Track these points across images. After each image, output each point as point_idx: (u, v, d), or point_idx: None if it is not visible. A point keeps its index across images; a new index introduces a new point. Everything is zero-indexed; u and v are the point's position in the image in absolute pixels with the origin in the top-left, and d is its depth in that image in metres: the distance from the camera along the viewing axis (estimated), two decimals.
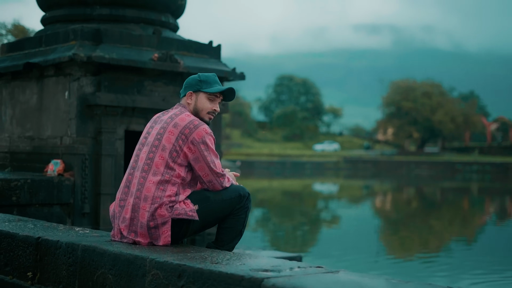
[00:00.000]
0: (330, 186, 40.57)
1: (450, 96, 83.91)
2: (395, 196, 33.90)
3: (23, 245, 4.64)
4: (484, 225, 20.94)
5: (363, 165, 64.20)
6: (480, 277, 11.35)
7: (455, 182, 45.52)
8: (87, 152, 7.70)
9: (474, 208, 27.54)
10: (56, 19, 8.65)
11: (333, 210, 25.36)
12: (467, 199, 32.07)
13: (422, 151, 77.87)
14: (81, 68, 7.68)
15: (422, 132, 79.78)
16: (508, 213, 25.03)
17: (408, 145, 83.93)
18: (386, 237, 17.81)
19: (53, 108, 7.98)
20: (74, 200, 7.61)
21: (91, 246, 4.11)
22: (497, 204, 29.48)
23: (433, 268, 12.39)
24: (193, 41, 8.71)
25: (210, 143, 4.21)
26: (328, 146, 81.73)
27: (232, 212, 4.35)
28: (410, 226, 20.05)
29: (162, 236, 4.14)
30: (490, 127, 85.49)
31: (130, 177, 4.27)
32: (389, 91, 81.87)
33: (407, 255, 14.13)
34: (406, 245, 15.98)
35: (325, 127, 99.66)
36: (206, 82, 4.41)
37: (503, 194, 34.75)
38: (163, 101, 8.13)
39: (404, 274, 11.12)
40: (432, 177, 50.30)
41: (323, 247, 14.92)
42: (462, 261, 13.02)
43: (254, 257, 3.80)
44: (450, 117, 76.76)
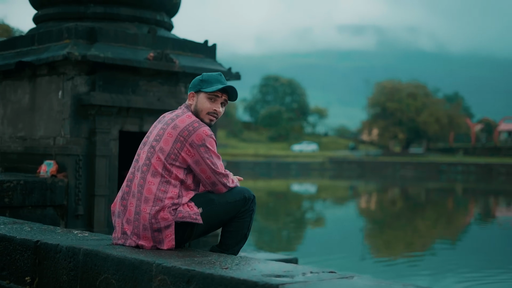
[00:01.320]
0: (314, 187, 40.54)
1: (435, 97, 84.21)
2: (380, 196, 33.94)
3: (20, 248, 4.51)
4: (468, 225, 21.02)
5: (348, 166, 64.27)
6: (464, 276, 11.39)
7: (439, 183, 45.67)
8: (81, 153, 7.55)
9: (459, 208, 27.64)
10: (49, 17, 8.49)
11: (318, 211, 25.34)
12: (451, 199, 32.19)
13: (407, 152, 78.11)
14: (75, 67, 7.53)
15: (407, 133, 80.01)
16: (491, 213, 25.14)
17: (393, 146, 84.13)
18: (371, 238, 17.82)
19: (46, 108, 7.82)
20: (68, 201, 7.46)
21: (93, 250, 3.99)
22: (481, 205, 29.61)
23: (417, 268, 12.40)
24: (188, 40, 8.58)
25: (210, 145, 4.08)
26: (306, 146, 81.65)
27: (236, 215, 4.23)
28: (395, 226, 20.07)
29: (166, 239, 4.03)
30: (474, 128, 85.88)
31: (131, 176, 4.16)
32: (375, 92, 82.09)
33: (392, 255, 14.11)
34: (391, 245, 15.97)
35: (310, 127, 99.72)
36: (207, 81, 4.27)
37: (487, 195, 34.89)
38: (158, 101, 7.99)
39: (389, 274, 11.10)
40: (417, 178, 50.46)
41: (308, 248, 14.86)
42: (446, 261, 13.06)
43: (263, 262, 3.70)
44: (435, 118, 77.04)
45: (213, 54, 8.68)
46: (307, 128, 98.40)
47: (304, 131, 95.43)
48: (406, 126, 78.89)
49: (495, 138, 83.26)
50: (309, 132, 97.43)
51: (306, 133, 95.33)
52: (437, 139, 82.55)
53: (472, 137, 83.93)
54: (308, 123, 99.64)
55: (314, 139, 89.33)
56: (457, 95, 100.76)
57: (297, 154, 74.17)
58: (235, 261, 3.67)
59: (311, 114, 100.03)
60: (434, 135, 79.80)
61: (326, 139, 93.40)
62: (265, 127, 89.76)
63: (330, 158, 68.53)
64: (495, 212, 25.78)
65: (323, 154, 73.17)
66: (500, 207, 28.49)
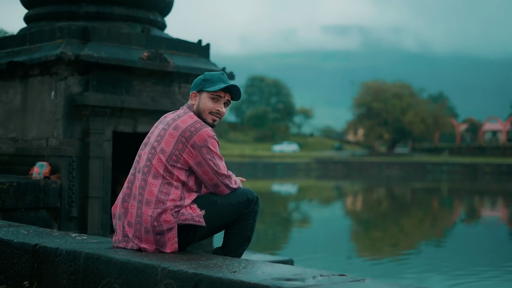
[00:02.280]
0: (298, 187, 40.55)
1: (420, 97, 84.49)
2: (366, 196, 34.00)
3: (18, 252, 4.41)
4: (454, 224, 21.09)
5: (334, 166, 64.36)
6: (450, 275, 11.43)
7: (425, 183, 45.83)
8: (74, 154, 7.42)
9: (444, 208, 27.73)
10: (40, 17, 8.35)
11: (304, 211, 25.33)
12: (437, 199, 32.30)
13: (392, 152, 78.34)
14: (68, 67, 7.41)
15: (393, 133, 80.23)
16: (477, 213, 25.26)
17: (379, 146, 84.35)
18: (358, 237, 17.84)
19: (38, 109, 7.70)
20: (61, 203, 7.34)
21: (94, 254, 3.90)
22: (467, 204, 29.73)
23: (403, 267, 12.42)
24: (181, 40, 8.48)
25: (212, 146, 3.99)
26: (287, 146, 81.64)
27: (240, 217, 4.15)
28: (381, 226, 20.11)
29: (168, 242, 3.94)
30: (459, 128, 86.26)
31: (132, 177, 4.07)
32: (360, 92, 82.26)
33: (379, 254, 14.13)
34: (378, 245, 16.00)
35: (296, 128, 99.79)
36: (210, 81, 4.18)
37: (472, 194, 35.04)
38: (152, 101, 7.89)
39: (375, 273, 11.11)
40: (402, 178, 50.61)
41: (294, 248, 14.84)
42: (432, 260, 13.10)
43: (270, 265, 3.63)
44: (420, 118, 77.29)
45: (206, 54, 8.59)
46: (292, 128, 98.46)
47: (290, 132, 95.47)
48: (391, 126, 79.10)
49: (480, 138, 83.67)
50: (295, 132, 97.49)
51: (292, 133, 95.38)
52: (422, 139, 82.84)
53: (457, 137, 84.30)
54: (294, 124, 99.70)
55: (299, 140, 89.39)
56: (442, 95, 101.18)
57: (283, 155, 74.17)
58: (241, 264, 3.60)
59: (297, 114, 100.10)
60: (419, 135, 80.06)
61: (312, 139, 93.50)
62: (251, 128, 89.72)
63: (316, 158, 68.57)
64: (480, 211, 25.90)
65: (309, 155, 73.20)
66: (485, 206, 28.63)
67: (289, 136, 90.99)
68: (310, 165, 65.11)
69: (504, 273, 11.90)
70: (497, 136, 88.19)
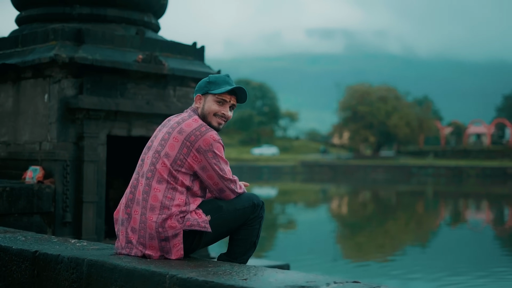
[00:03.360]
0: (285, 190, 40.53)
1: (405, 101, 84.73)
2: (351, 199, 34.03)
3: (17, 259, 4.30)
4: (439, 227, 21.15)
5: (320, 169, 64.41)
6: (434, 277, 11.45)
7: (410, 186, 45.93)
8: (69, 158, 7.29)
9: (429, 211, 27.80)
10: (33, 19, 8.21)
11: (289, 214, 25.31)
12: (422, 202, 32.38)
13: (377, 155, 78.49)
14: (62, 70, 7.28)
15: (378, 136, 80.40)
16: (461, 215, 25.35)
17: (364, 149, 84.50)
18: (343, 240, 17.84)
19: (31, 112, 7.56)
20: (55, 208, 7.20)
21: (98, 261, 3.79)
22: (452, 207, 29.83)
23: (388, 269, 12.43)
24: (176, 42, 8.38)
25: (218, 150, 3.90)
26: (266, 150, 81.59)
27: (245, 223, 4.07)
28: (366, 229, 20.12)
29: (174, 249, 3.85)
30: (444, 131, 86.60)
31: (135, 182, 3.97)
32: (346, 96, 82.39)
33: (364, 257, 14.13)
34: (363, 247, 16.00)
35: (281, 131, 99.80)
36: (215, 83, 4.08)
37: (457, 197, 35.18)
38: (147, 104, 7.78)
39: (361, 276, 11.09)
40: (388, 181, 50.74)
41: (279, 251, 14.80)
42: (417, 262, 13.12)
43: (280, 272, 3.55)
44: (405, 121, 77.52)
45: (201, 57, 8.49)
46: (278, 131, 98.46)
47: (275, 135, 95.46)
48: (376, 129, 79.28)
49: (465, 141, 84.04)
50: (280, 135, 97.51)
51: (277, 136, 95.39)
52: (407, 142, 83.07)
53: (442, 140, 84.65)
54: (279, 127, 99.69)
55: (285, 143, 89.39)
56: (427, 98, 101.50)
57: (269, 158, 74.09)
58: (251, 271, 3.52)
59: (282, 117, 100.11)
60: (404, 138, 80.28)
61: (297, 142, 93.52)
62: (236, 131, 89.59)
63: (302, 161, 68.57)
64: (465, 214, 25.99)
65: (295, 158, 73.18)
66: (470, 209, 28.74)
67: (275, 139, 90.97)
68: (296, 168, 65.11)
69: (489, 274, 11.96)
70: (482, 139, 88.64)
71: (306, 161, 69.54)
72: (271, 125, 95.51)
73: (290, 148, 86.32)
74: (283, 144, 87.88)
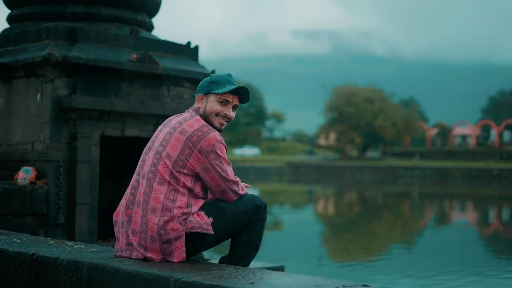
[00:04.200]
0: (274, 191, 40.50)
1: (391, 102, 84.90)
2: (338, 200, 34.05)
3: (14, 262, 4.20)
4: (424, 228, 21.19)
5: (306, 170, 64.41)
6: (420, 276, 11.49)
7: (396, 187, 46.01)
8: (61, 159, 7.17)
9: (415, 212, 27.86)
10: (25, 17, 8.07)
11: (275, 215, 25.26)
12: (408, 203, 32.45)
13: (363, 156, 78.59)
14: (55, 69, 7.16)
15: (364, 137, 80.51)
16: (447, 216, 25.43)
17: (350, 150, 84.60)
18: (329, 241, 17.84)
19: (23, 112, 7.44)
20: (48, 210, 7.09)
21: (99, 264, 3.70)
22: (437, 208, 29.92)
23: (374, 269, 12.43)
24: (170, 41, 8.28)
25: (220, 151, 3.82)
26: (248, 150, 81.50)
27: (248, 225, 3.99)
28: (352, 230, 20.12)
29: (176, 251, 3.76)
30: (430, 132, 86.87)
31: (135, 183, 3.88)
32: (332, 97, 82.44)
33: (350, 258, 14.12)
34: (349, 248, 16.00)
35: (268, 132, 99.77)
36: (217, 82, 4.00)
37: (443, 198, 35.28)
38: (141, 104, 7.68)
39: (346, 277, 11.08)
40: (374, 182, 50.81)
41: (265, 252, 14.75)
42: (403, 263, 13.14)
43: (286, 275, 3.48)
44: (391, 122, 77.66)
45: (195, 56, 8.40)
46: (264, 132, 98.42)
47: (262, 136, 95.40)
48: (363, 130, 79.37)
49: (450, 142, 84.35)
50: (267, 136, 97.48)
51: (264, 137, 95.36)
52: (393, 143, 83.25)
53: (428, 141, 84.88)
54: (266, 128, 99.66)
55: (271, 144, 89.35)
56: (413, 99, 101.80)
57: (256, 159, 74.02)
58: (257, 274, 3.45)
59: (269, 118, 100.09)
60: (390, 139, 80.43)
61: (284, 143, 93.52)
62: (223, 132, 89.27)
63: (288, 162, 68.54)
64: (450, 215, 26.07)
65: (281, 159, 73.14)
66: (455, 210, 28.84)
67: (261, 140, 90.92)
68: (282, 169, 65.08)
69: (474, 273, 12.00)
70: (467, 141, 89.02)
71: (293, 162, 69.52)
72: (257, 126, 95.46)
73: (276, 149, 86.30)
74: (270, 145, 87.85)
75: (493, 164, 60.68)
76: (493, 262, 13.91)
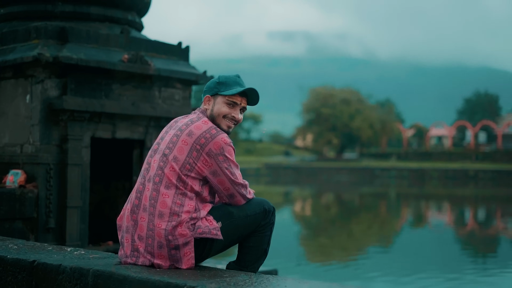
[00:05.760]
0: None
1: (368, 103, 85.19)
2: (315, 202, 34.05)
3: (13, 269, 4.05)
4: (401, 229, 21.26)
5: (284, 172, 64.35)
6: (396, 276, 11.46)
7: (374, 188, 46.13)
8: (52, 161, 6.99)
9: (392, 212, 27.94)
10: (12, 16, 7.86)
11: None
12: (385, 204, 32.55)
13: (341, 157, 78.74)
14: (45, 70, 6.97)
15: (341, 138, 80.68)
16: (424, 217, 25.54)
17: (327, 152, 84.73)
18: (307, 242, 17.82)
19: (11, 114, 7.24)
20: (38, 214, 6.90)
21: (105, 271, 3.56)
22: (414, 209, 30.03)
23: (351, 270, 12.41)
24: (161, 41, 8.12)
25: (229, 154, 3.70)
26: None
27: (256, 229, 3.88)
28: (330, 231, 20.12)
29: (184, 258, 3.64)
30: (406, 133, 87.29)
31: (141, 187, 3.74)
32: (309, 98, 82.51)
33: (327, 259, 14.09)
34: (326, 249, 15.98)
35: (245, 133, 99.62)
36: (225, 84, 3.88)
37: (419, 199, 35.43)
38: (133, 105, 7.51)
39: (324, 278, 11.05)
40: (351, 183, 50.88)
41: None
42: (380, 264, 13.15)
43: (303, 282, 3.38)
44: (368, 124, 77.93)
45: (186, 57, 8.26)
46: (241, 134, 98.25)
47: (239, 137, 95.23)
48: (340, 131, 79.55)
49: (427, 143, 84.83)
50: (244, 137, 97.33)
51: (241, 138, 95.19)
52: (370, 144, 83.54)
53: (404, 142, 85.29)
54: (243, 129, 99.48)
55: (248, 145, 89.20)
56: (389, 101, 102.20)
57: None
58: (271, 281, 3.34)
59: (246, 120, 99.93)
60: (367, 141, 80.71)
61: (261, 145, 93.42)
62: None
63: (266, 164, 68.46)
64: (427, 216, 26.18)
65: (259, 160, 73.04)
66: (432, 211, 28.97)
67: (238, 142, 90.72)
68: (260, 171, 64.98)
69: (451, 273, 12.04)
70: (443, 142, 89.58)
71: (270, 163, 69.46)
72: (234, 128, 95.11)
73: (253, 151, 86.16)
74: (247, 147, 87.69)
75: (469, 165, 61.09)
76: (469, 261, 13.98)
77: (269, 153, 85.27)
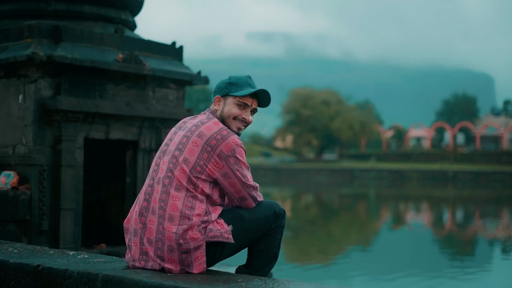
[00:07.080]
0: None
1: (348, 104, 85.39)
2: (294, 203, 34.04)
3: (16, 274, 3.93)
4: (380, 229, 21.31)
5: (264, 173, 64.26)
6: (375, 276, 11.52)
7: (353, 189, 46.22)
8: (45, 163, 6.86)
9: (371, 213, 28.01)
10: (4, 15, 7.70)
11: None
12: (364, 205, 32.62)
13: (320, 158, 78.85)
14: (38, 69, 6.84)
15: (321, 139, 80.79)
16: (403, 218, 25.63)
17: (307, 153, 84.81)
18: (286, 243, 17.80)
19: (4, 114, 7.09)
20: (31, 216, 6.76)
21: (116, 276, 3.46)
22: (393, 210, 30.13)
23: (330, 270, 12.41)
24: (155, 41, 8.01)
25: (240, 156, 3.64)
26: None
27: (267, 233, 3.82)
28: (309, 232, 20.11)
29: (195, 262, 3.55)
30: (385, 134, 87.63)
31: (149, 189, 3.64)
32: (289, 99, 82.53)
33: (306, 260, 14.08)
34: (306, 250, 15.97)
35: None
36: (236, 84, 3.79)
37: (399, 200, 35.56)
38: (127, 106, 7.40)
39: (303, 278, 11.02)
40: (331, 184, 50.94)
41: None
42: (359, 264, 13.17)
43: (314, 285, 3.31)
44: (348, 125, 78.10)
45: (180, 57, 8.16)
46: None
47: None
48: (319, 132, 79.65)
49: (405, 144, 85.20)
50: None
51: None
52: (349, 145, 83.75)
53: (384, 143, 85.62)
54: None
55: None
56: (368, 102, 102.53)
57: None
58: (286, 285, 3.27)
59: None
60: (347, 142, 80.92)
61: None
62: None
63: None
64: (406, 216, 26.27)
65: None
66: (411, 211, 29.08)
67: None
68: None
69: (425, 271, 12.09)
70: (422, 143, 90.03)
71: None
72: None
73: None
74: None
75: (448, 166, 61.44)
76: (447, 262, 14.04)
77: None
